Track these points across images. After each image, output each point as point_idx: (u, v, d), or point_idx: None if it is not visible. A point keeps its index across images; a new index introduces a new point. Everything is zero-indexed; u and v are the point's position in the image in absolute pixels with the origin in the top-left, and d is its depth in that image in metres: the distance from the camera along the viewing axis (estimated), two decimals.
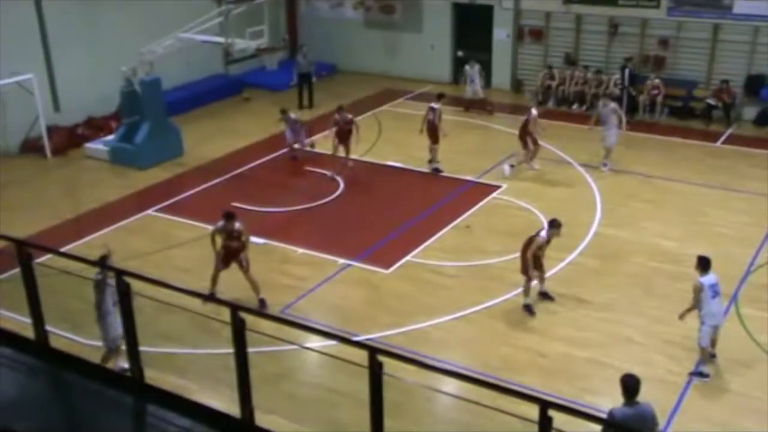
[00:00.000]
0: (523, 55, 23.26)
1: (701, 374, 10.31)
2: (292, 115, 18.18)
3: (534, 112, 17.12)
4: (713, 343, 10.41)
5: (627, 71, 20.51)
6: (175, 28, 17.53)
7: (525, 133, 17.02)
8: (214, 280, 12.20)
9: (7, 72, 17.44)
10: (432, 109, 17.12)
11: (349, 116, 17.06)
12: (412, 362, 5.90)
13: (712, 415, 9.70)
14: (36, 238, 13.83)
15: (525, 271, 11.84)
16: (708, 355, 10.38)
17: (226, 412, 6.68)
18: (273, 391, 9.48)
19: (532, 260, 11.76)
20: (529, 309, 11.90)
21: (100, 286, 9.71)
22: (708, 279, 10.09)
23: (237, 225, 11.91)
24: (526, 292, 11.97)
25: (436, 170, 17.35)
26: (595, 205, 15.51)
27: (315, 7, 25.93)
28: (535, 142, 17.06)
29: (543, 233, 11.80)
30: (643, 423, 7.25)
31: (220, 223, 12.02)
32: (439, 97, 17.55)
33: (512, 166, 16.99)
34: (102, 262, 9.28)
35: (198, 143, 19.06)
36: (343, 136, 17.06)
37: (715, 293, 10.08)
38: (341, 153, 17.19)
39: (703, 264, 10.20)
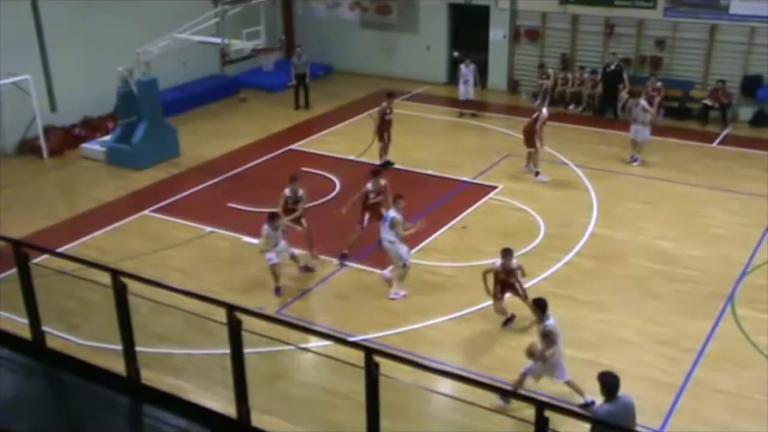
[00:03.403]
0: (519, 55, 23.27)
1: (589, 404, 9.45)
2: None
3: (545, 112, 16.81)
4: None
5: (615, 68, 20.48)
6: (171, 28, 17.50)
7: (532, 132, 16.57)
8: (355, 241, 13.20)
9: (3, 72, 17.43)
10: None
11: (300, 191, 13.15)
12: (409, 363, 5.91)
13: (708, 416, 9.71)
14: (32, 238, 13.82)
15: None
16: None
17: (222, 412, 6.69)
18: (269, 392, 9.47)
19: (494, 284, 11.36)
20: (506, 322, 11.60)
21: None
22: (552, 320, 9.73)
23: (383, 182, 13.32)
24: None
25: (383, 165, 17.38)
26: (591, 205, 15.51)
27: (311, 8, 25.93)
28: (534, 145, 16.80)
29: (497, 262, 11.33)
30: (626, 414, 7.38)
31: (369, 184, 13.28)
32: (388, 95, 17.66)
33: (537, 173, 16.72)
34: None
35: (194, 144, 19.04)
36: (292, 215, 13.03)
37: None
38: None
39: (543, 307, 9.72)
